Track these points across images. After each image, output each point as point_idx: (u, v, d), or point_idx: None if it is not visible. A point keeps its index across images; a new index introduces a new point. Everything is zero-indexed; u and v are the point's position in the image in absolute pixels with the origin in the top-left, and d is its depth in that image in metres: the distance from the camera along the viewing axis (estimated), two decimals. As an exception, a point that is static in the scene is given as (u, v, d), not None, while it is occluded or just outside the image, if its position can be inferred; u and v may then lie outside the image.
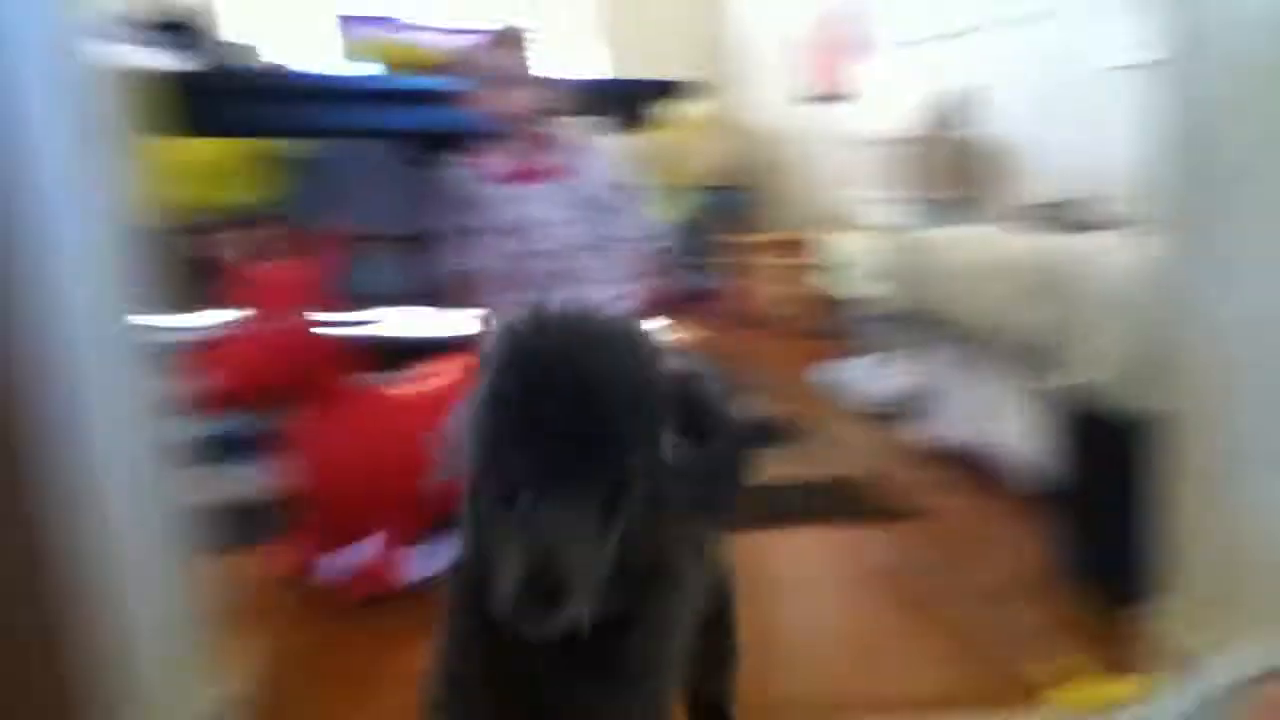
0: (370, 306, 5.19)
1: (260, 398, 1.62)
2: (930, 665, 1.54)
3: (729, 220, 5.69)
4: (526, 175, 1.96)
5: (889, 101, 4.27)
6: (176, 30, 3.07)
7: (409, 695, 1.36)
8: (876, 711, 1.38)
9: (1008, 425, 2.29)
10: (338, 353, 1.71)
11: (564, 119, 2.00)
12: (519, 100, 1.91)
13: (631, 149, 2.06)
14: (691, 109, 3.50)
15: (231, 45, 3.15)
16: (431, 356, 2.01)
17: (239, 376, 1.54)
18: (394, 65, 3.15)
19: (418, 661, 1.47)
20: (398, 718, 1.34)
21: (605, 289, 1.99)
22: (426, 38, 3.67)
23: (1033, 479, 2.13)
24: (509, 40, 1.97)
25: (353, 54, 4.15)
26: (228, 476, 2.32)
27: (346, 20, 4.48)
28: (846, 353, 4.00)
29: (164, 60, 2.90)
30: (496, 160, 1.98)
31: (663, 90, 3.01)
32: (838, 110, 4.97)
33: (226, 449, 2.62)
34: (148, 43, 2.97)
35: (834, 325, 4.30)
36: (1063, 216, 2.48)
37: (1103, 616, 1.66)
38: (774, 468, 2.45)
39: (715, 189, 5.60)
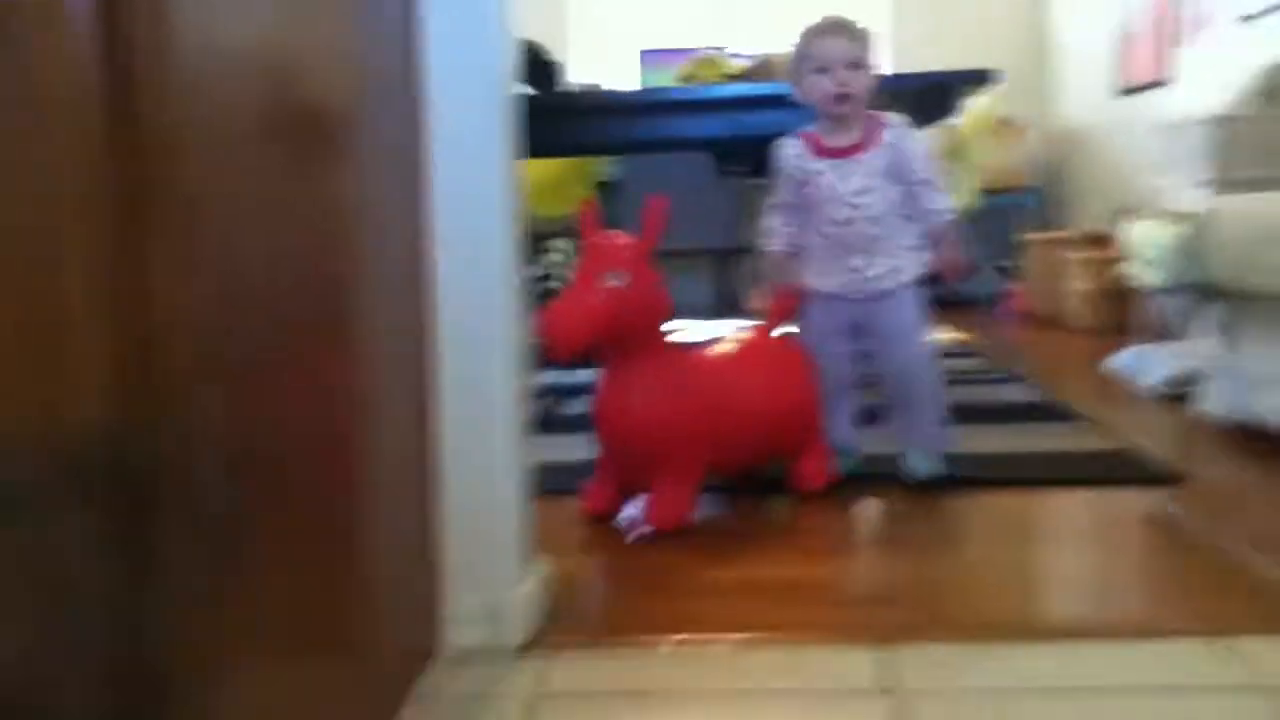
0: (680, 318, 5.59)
1: (599, 349, 1.92)
2: (1193, 596, 1.61)
3: (1020, 220, 5.64)
4: (846, 150, 2.15)
5: (1212, 81, 4.14)
6: (522, 60, 3.52)
7: (699, 601, 1.64)
8: (1143, 635, 1.48)
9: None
10: (665, 311, 1.99)
11: (877, 108, 2.18)
12: (846, 84, 2.09)
13: (932, 141, 2.24)
14: (981, 103, 3.57)
15: (559, 68, 3.54)
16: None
17: (587, 328, 1.84)
18: (700, 80, 3.43)
19: (707, 576, 1.74)
20: (683, 618, 1.58)
21: (906, 256, 2.17)
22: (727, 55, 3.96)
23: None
24: (837, 28, 2.15)
25: (654, 82, 4.53)
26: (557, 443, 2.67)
27: (647, 54, 4.90)
28: (1142, 340, 3.93)
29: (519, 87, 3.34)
30: (821, 136, 2.18)
31: (971, 81, 3.11)
32: (1156, 97, 4.84)
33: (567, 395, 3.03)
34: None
35: (1133, 316, 4.22)
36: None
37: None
38: (1053, 441, 2.53)
39: (1006, 190, 5.57)
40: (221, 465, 0.84)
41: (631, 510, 2.03)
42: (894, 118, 2.18)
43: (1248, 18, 4.03)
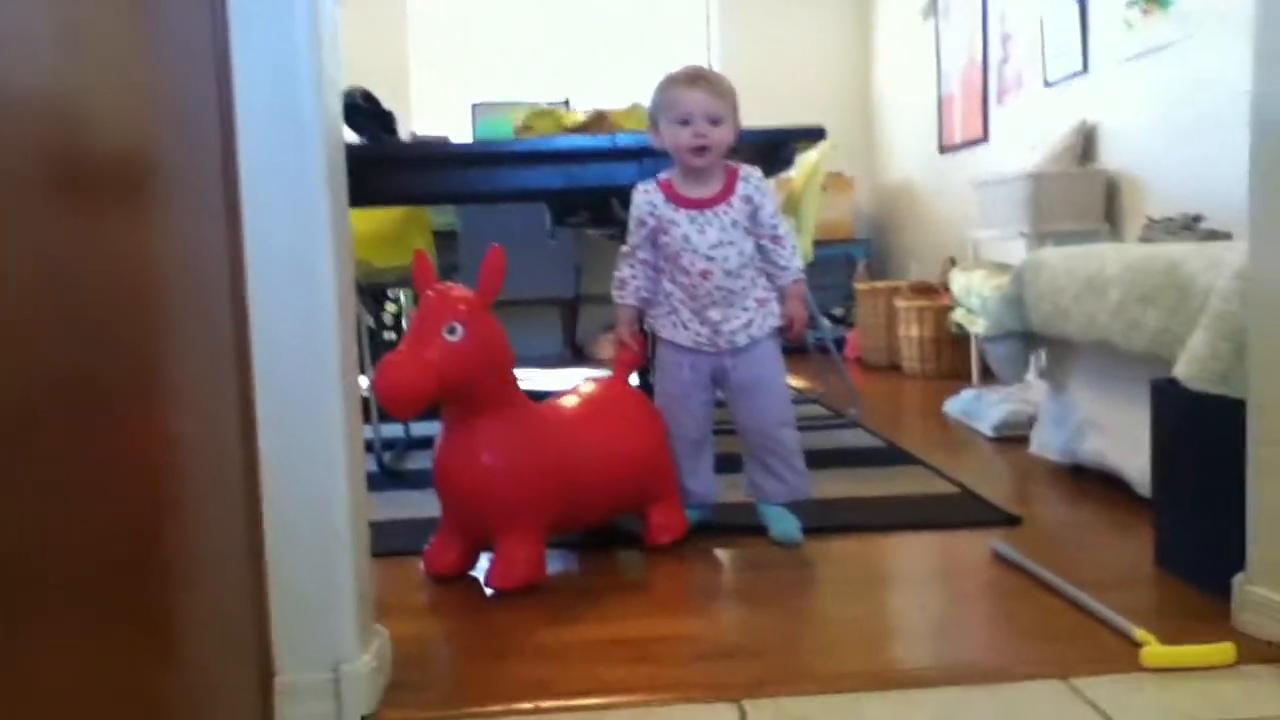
0: (523, 368, 5.52)
1: (441, 402, 1.84)
2: (1031, 639, 1.64)
3: (851, 270, 5.83)
4: (704, 202, 2.13)
5: (1024, 141, 4.38)
6: (355, 108, 3.42)
7: (551, 664, 1.57)
8: (989, 680, 1.49)
9: (1121, 433, 2.36)
10: (507, 363, 1.92)
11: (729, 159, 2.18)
12: (705, 136, 2.07)
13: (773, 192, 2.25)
14: (812, 157, 3.67)
15: (392, 117, 3.46)
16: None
17: (424, 383, 1.75)
18: (538, 132, 3.40)
19: (558, 637, 1.67)
20: (535, 684, 1.51)
21: (760, 309, 2.17)
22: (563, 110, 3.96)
23: (1145, 483, 2.20)
24: (699, 79, 2.12)
25: (489, 131, 4.50)
26: (398, 501, 2.56)
27: (479, 106, 4.88)
28: (974, 385, 4.09)
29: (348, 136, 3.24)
30: (677, 185, 2.16)
31: (800, 138, 3.17)
32: (973, 155, 5.09)
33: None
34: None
35: (964, 362, 4.40)
36: (1180, 228, 2.56)
37: (1202, 599, 1.72)
38: (896, 486, 2.58)
39: (837, 241, 5.76)
40: None
41: (492, 559, 1.94)
42: (749, 170, 2.18)
43: (1050, 83, 4.28)
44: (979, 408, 3.33)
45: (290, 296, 1.37)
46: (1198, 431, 1.82)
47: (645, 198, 2.18)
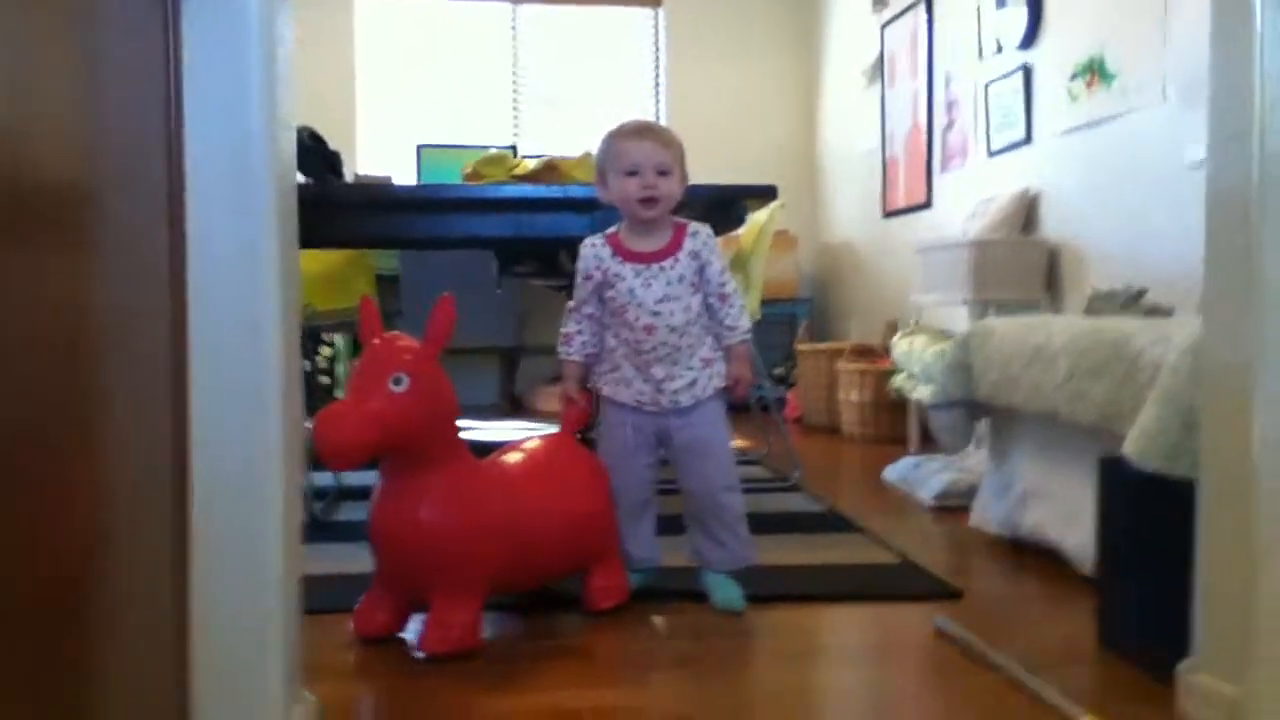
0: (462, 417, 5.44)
1: (382, 452, 1.78)
2: (976, 717, 1.62)
3: (793, 329, 5.86)
4: (651, 256, 2.10)
5: (967, 208, 4.44)
6: (300, 147, 3.36)
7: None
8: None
9: (1062, 506, 2.36)
10: (451, 416, 1.86)
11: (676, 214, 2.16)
12: (654, 187, 2.05)
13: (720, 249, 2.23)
14: (761, 216, 3.68)
15: (338, 157, 3.40)
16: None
17: (366, 435, 1.69)
18: (486, 179, 3.37)
19: (493, 705, 1.61)
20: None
21: (705, 368, 2.13)
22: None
23: (1086, 558, 2.19)
24: (647, 131, 2.12)
25: (434, 174, 4.48)
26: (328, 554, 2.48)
27: (425, 149, 4.86)
28: (914, 451, 4.10)
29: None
30: (624, 239, 2.12)
31: (752, 196, 3.18)
32: (916, 219, 5.15)
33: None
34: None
35: (905, 427, 4.41)
36: (1125, 303, 2.59)
37: (1146, 682, 1.71)
38: (836, 554, 2.55)
39: (780, 300, 5.80)
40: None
41: (426, 621, 1.87)
42: (698, 226, 2.15)
43: (994, 152, 4.36)
44: (919, 475, 3.33)
45: (234, 344, 1.31)
46: (1146, 510, 1.82)
47: (592, 251, 2.15)
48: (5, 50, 0.87)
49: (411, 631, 1.93)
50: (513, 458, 2.04)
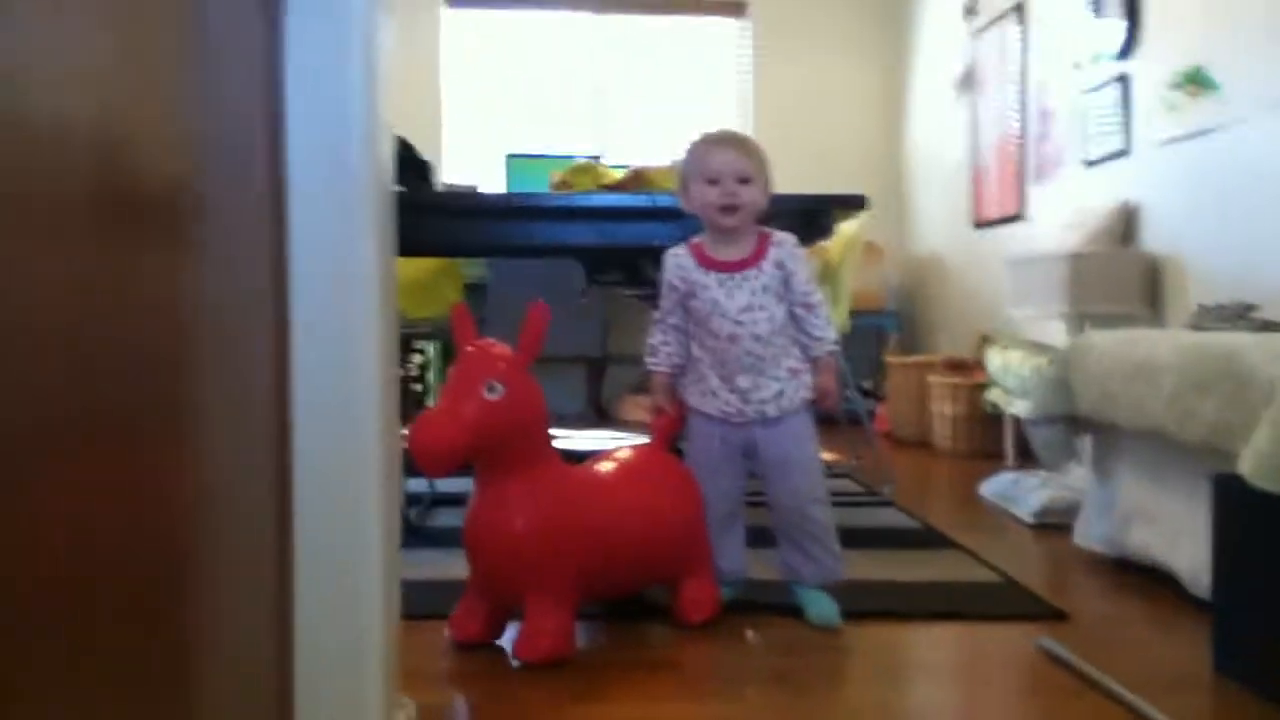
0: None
1: (475, 461, 1.78)
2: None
3: (882, 342, 5.77)
4: (734, 265, 2.08)
5: (1062, 220, 4.33)
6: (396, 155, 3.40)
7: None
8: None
9: (1169, 526, 2.27)
10: (543, 424, 1.86)
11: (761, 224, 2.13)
12: (734, 195, 2.03)
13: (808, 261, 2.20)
14: (850, 227, 3.63)
15: (430, 166, 3.44)
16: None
17: (460, 441, 1.70)
18: (575, 187, 3.38)
19: (584, 716, 1.59)
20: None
21: (791, 379, 2.10)
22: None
23: (1197, 579, 2.11)
24: (728, 140, 2.10)
25: (519, 183, 4.50)
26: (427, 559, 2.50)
27: (514, 158, 4.88)
28: (1011, 467, 4.00)
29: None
30: (707, 248, 2.11)
31: (840, 206, 3.14)
32: (1008, 231, 5.04)
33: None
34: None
35: (999, 441, 4.31)
36: (1234, 317, 2.49)
37: (1265, 709, 1.63)
38: (932, 571, 2.49)
39: (868, 312, 5.71)
40: None
41: (520, 629, 1.87)
42: (783, 236, 2.13)
43: (1091, 162, 4.25)
44: (1017, 492, 3.25)
45: (334, 349, 1.32)
46: (1265, 531, 1.74)
47: (675, 261, 2.14)
48: (126, 50, 0.88)
49: (507, 639, 1.93)
50: (604, 467, 2.03)
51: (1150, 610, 2.23)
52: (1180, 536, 2.23)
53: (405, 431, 1.67)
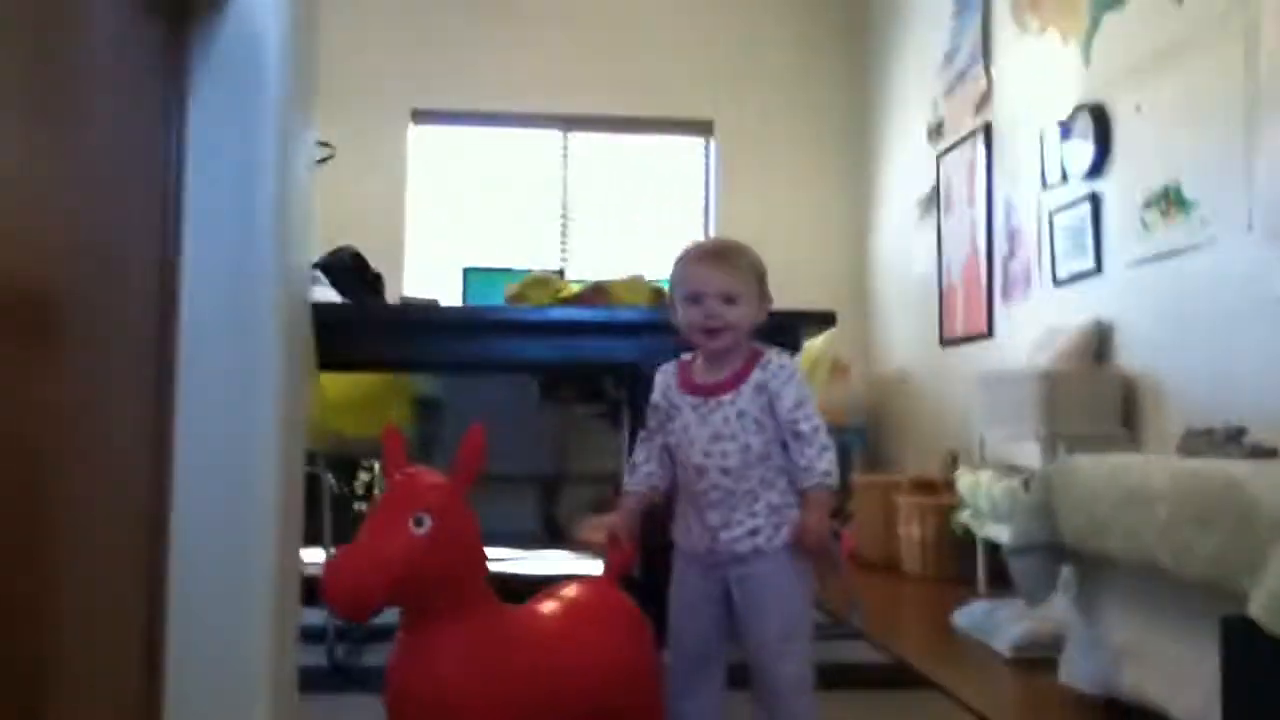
0: (498, 545, 5.23)
1: (399, 601, 1.57)
2: None
3: (847, 461, 5.61)
4: (710, 388, 1.88)
5: (1031, 339, 4.23)
6: (341, 268, 3.26)
7: None
8: None
9: (1166, 666, 2.09)
10: (479, 562, 1.66)
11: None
12: (715, 316, 1.84)
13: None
14: (819, 343, 3.50)
15: (379, 280, 3.30)
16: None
17: (380, 583, 1.49)
18: (531, 301, 3.24)
19: None
20: None
21: (770, 516, 1.86)
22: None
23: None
24: (713, 256, 1.90)
25: (480, 297, 4.37)
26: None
27: (471, 271, 4.77)
28: (984, 594, 3.80)
29: (330, 296, 3.07)
30: (692, 368, 1.91)
31: (817, 321, 3.02)
32: (979, 349, 4.95)
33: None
34: (315, 279, 3.16)
35: (970, 566, 4.12)
36: (1224, 441, 2.35)
37: None
38: (903, 717, 2.28)
39: (837, 428, 5.56)
40: None
41: None
42: (772, 355, 1.90)
43: (1060, 282, 4.18)
44: (993, 622, 3.06)
45: (223, 473, 1.15)
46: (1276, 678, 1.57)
47: (661, 379, 1.94)
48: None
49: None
50: (547, 607, 1.82)
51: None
52: (1178, 677, 2.05)
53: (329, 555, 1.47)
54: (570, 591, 1.87)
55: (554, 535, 5.67)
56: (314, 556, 3.51)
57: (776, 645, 1.85)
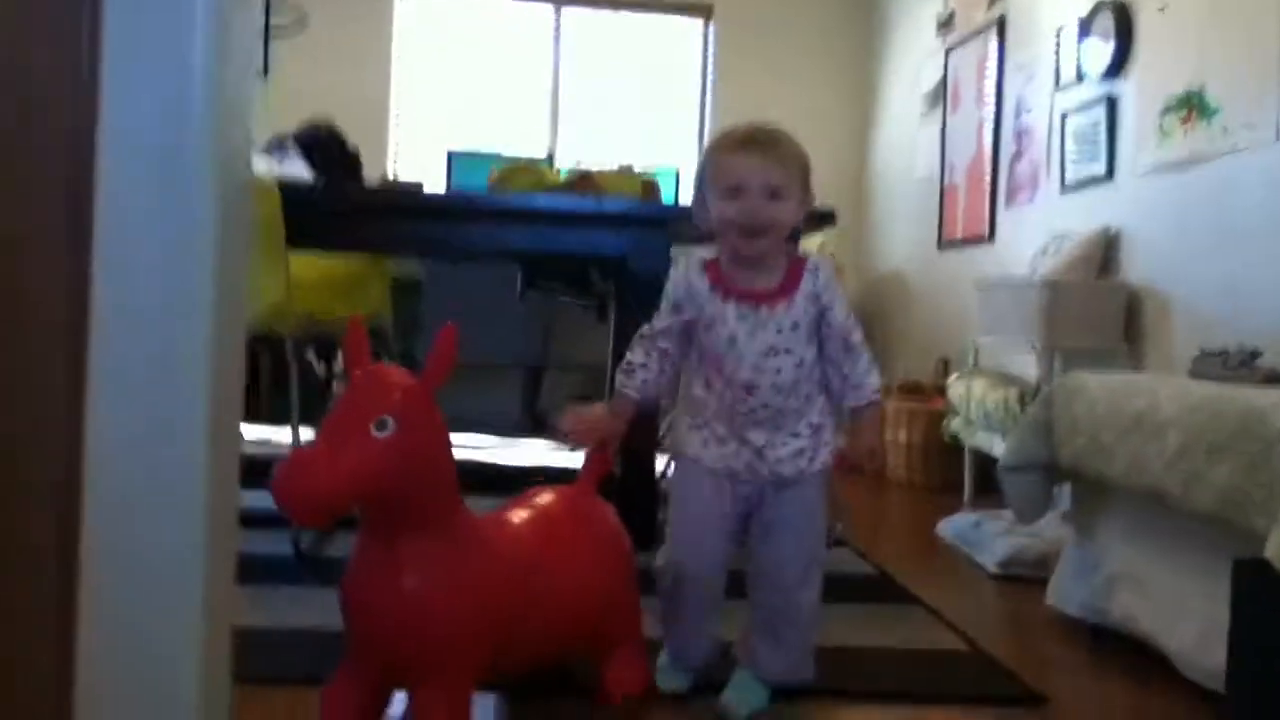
0: (480, 433, 5.14)
1: (351, 511, 1.46)
2: None
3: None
4: (761, 297, 1.69)
5: (1035, 244, 4.09)
6: (317, 144, 3.10)
7: None
8: None
9: (1163, 598, 2.01)
10: (446, 468, 1.53)
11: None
12: (756, 215, 1.64)
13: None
14: (816, 243, 3.36)
15: (356, 158, 3.14)
16: (533, 487, 1.82)
17: (339, 489, 1.37)
18: (514, 187, 3.08)
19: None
20: None
21: (814, 435, 1.74)
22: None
23: (1196, 663, 1.85)
24: (755, 142, 1.68)
25: (467, 181, 4.19)
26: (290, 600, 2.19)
27: (456, 156, 4.57)
28: (970, 504, 3.74)
29: (303, 173, 2.92)
30: (726, 271, 1.72)
31: (817, 221, 2.86)
32: (978, 253, 4.80)
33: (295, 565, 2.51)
34: (289, 155, 3.00)
35: (958, 474, 4.05)
36: (1238, 364, 2.24)
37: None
38: (894, 635, 2.21)
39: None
40: None
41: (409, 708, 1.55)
42: (817, 260, 1.74)
43: (1069, 187, 4.02)
44: (980, 536, 2.99)
45: (148, 360, 1.02)
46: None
47: (686, 281, 1.73)
48: None
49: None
50: (519, 516, 1.71)
51: (1139, 693, 1.96)
52: (1176, 611, 1.97)
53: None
54: (545, 499, 1.76)
55: (536, 424, 5.59)
56: (282, 437, 3.42)
57: (801, 571, 1.74)
